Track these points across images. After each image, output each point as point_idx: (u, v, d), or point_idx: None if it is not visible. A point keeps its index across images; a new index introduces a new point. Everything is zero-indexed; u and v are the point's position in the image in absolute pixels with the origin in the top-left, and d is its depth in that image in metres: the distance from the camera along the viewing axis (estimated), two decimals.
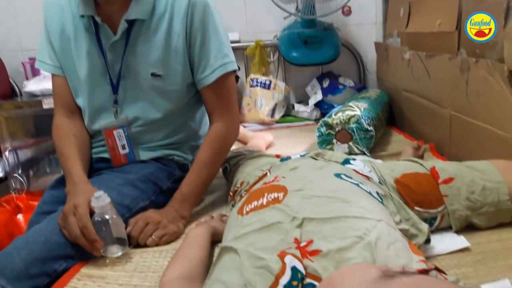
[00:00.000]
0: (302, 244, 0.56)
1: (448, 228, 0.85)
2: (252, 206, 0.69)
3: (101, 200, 0.85)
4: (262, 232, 0.60)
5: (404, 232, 0.73)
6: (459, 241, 0.81)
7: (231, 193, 1.04)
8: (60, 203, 0.95)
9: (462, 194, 0.83)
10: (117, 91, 1.04)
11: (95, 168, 1.10)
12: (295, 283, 0.51)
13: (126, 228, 0.91)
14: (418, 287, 0.34)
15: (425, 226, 0.78)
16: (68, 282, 0.80)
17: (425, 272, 0.39)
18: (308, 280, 0.51)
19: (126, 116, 1.06)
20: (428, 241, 0.77)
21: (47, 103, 1.73)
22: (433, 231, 0.83)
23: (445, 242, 0.81)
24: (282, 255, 0.54)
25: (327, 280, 0.44)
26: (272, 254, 0.55)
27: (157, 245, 0.93)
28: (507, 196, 0.82)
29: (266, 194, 0.70)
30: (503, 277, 0.51)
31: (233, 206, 0.97)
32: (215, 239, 0.85)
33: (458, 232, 0.84)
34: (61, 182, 1.04)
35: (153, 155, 1.10)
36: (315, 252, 0.55)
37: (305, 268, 0.52)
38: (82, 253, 0.86)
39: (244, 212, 0.69)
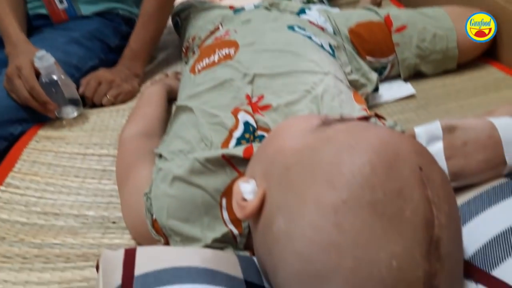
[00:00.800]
0: (253, 100, 0.58)
1: (397, 76, 0.89)
2: (204, 64, 0.67)
3: (44, 60, 0.81)
4: (215, 90, 0.61)
5: (354, 82, 0.75)
6: (405, 88, 0.85)
7: (183, 49, 1.00)
8: (1, 65, 0.89)
9: (413, 42, 0.84)
10: None
11: (34, 26, 1.01)
12: (247, 135, 0.54)
13: (78, 89, 0.89)
14: (351, 131, 0.35)
15: (374, 75, 0.80)
16: (27, 145, 0.80)
17: (364, 119, 0.40)
18: (259, 132, 0.54)
19: None
20: (376, 89, 0.81)
21: None
22: (382, 80, 0.86)
23: (393, 90, 0.85)
24: (235, 112, 0.56)
25: (274, 130, 0.46)
26: (225, 111, 0.56)
27: (113, 104, 0.92)
28: (455, 43, 0.83)
29: (217, 50, 0.69)
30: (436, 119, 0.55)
31: (186, 63, 0.94)
32: (171, 96, 0.85)
33: (405, 79, 0.88)
34: None
35: (95, 8, 1.01)
36: (266, 107, 0.57)
37: (256, 122, 0.55)
38: (36, 115, 0.85)
39: (196, 70, 0.68)
